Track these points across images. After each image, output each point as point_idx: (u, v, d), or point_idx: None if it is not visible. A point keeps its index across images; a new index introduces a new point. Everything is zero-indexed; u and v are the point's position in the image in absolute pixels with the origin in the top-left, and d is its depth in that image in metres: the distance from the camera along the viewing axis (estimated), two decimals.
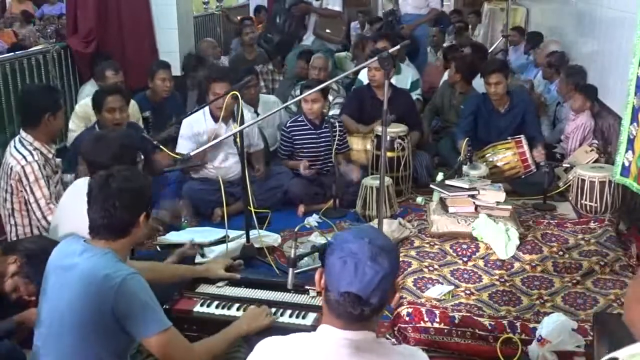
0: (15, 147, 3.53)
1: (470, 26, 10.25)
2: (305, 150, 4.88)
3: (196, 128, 4.58)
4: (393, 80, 5.69)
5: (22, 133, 3.56)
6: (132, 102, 5.04)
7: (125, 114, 4.21)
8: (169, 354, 2.15)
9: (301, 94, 4.84)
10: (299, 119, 4.92)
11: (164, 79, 5.36)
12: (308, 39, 7.35)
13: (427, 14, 7.62)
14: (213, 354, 2.33)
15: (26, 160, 3.46)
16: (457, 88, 5.90)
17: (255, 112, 5.27)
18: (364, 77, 5.71)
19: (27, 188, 3.47)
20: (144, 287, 2.14)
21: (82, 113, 4.80)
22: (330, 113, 5.38)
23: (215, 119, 4.51)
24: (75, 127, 4.82)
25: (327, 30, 7.32)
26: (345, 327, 1.62)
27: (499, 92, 5.01)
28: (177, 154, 4.30)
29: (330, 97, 5.75)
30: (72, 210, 2.66)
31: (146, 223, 2.29)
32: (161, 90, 5.36)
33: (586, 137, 5.10)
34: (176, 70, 6.39)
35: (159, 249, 3.81)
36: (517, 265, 3.61)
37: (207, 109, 4.55)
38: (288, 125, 4.94)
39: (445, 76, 6.35)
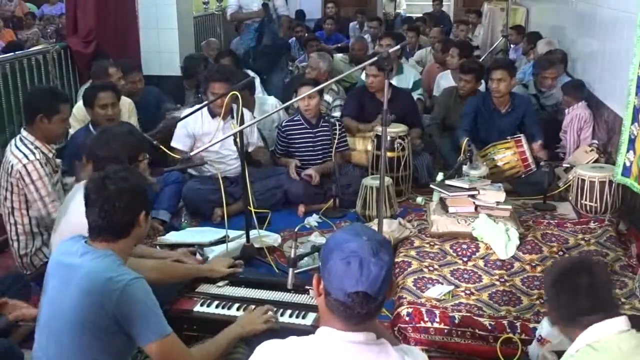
0: (16, 145, 3.52)
1: (470, 26, 10.22)
2: (301, 150, 4.88)
3: (191, 128, 4.58)
4: (394, 81, 5.69)
5: (23, 132, 3.55)
6: (129, 101, 5.03)
7: (117, 110, 4.23)
8: None
9: (296, 91, 4.83)
10: (295, 118, 4.91)
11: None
12: None
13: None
14: (211, 357, 2.33)
15: (28, 159, 3.45)
16: (464, 97, 5.57)
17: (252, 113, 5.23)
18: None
19: (31, 187, 3.46)
20: (146, 292, 2.13)
21: (79, 115, 4.74)
22: (333, 114, 5.36)
23: (213, 115, 4.50)
24: (73, 129, 4.80)
25: None
26: (347, 328, 1.61)
27: (501, 89, 5.02)
28: (176, 154, 4.30)
29: (330, 98, 5.73)
30: (74, 216, 2.64)
31: (146, 222, 2.28)
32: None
33: (582, 128, 5.12)
34: (176, 70, 6.40)
35: (158, 249, 3.80)
36: (517, 265, 3.60)
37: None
38: (284, 124, 4.93)
39: (446, 82, 6.21)
